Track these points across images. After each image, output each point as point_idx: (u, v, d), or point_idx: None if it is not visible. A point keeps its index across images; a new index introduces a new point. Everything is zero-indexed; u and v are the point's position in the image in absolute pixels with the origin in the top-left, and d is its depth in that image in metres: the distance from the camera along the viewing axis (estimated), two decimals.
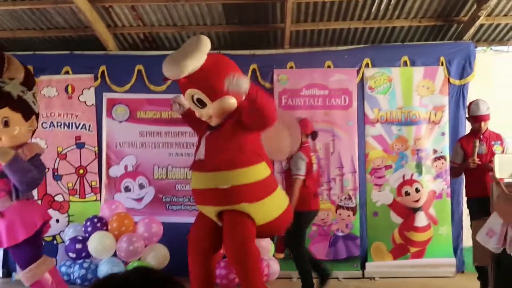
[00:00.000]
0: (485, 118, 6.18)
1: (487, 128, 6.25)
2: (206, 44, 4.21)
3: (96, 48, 7.72)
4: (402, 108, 7.43)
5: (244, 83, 3.81)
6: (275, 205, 4.37)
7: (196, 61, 4.14)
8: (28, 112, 4.43)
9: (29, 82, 4.52)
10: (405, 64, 7.50)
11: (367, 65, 7.51)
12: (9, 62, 4.49)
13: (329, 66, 7.54)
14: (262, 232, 4.41)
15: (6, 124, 4.31)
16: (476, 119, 6.21)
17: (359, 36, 7.83)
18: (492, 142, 6.19)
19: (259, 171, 4.26)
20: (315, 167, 6.10)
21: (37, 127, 4.67)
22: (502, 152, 6.13)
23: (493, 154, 5.99)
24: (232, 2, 6.93)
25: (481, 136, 6.20)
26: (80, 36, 7.68)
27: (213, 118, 4.32)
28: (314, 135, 6.23)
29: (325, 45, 7.96)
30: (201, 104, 4.26)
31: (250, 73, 7.39)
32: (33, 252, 4.36)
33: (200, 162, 4.33)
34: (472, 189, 6.25)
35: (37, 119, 4.62)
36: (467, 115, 6.52)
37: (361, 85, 7.51)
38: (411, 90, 7.44)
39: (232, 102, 4.27)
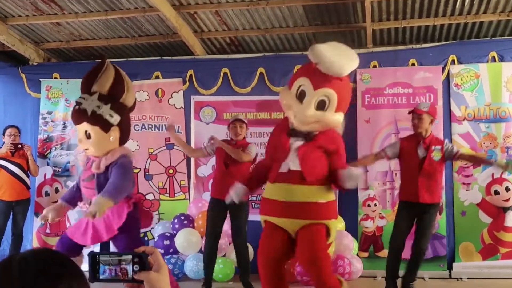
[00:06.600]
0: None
1: (431, 132, 5.95)
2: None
3: (184, 53, 8.06)
4: (490, 105, 7.23)
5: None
6: None
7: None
8: (105, 124, 4.73)
9: (114, 92, 4.80)
10: (493, 59, 7.31)
11: (453, 62, 7.39)
12: (105, 71, 4.80)
13: (413, 64, 7.48)
14: None
15: (89, 136, 4.72)
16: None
17: (445, 32, 7.69)
18: (433, 147, 5.85)
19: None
20: None
21: (128, 133, 4.99)
22: (442, 158, 5.86)
23: (432, 159, 5.80)
24: (312, 4, 6.98)
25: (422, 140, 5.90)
26: (169, 42, 8.02)
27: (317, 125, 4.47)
28: None
29: (409, 43, 7.89)
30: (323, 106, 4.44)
31: None
32: (131, 243, 4.56)
33: (292, 173, 4.38)
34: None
35: (122, 128, 4.83)
36: None
37: (447, 82, 7.39)
38: (500, 86, 7.23)
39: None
